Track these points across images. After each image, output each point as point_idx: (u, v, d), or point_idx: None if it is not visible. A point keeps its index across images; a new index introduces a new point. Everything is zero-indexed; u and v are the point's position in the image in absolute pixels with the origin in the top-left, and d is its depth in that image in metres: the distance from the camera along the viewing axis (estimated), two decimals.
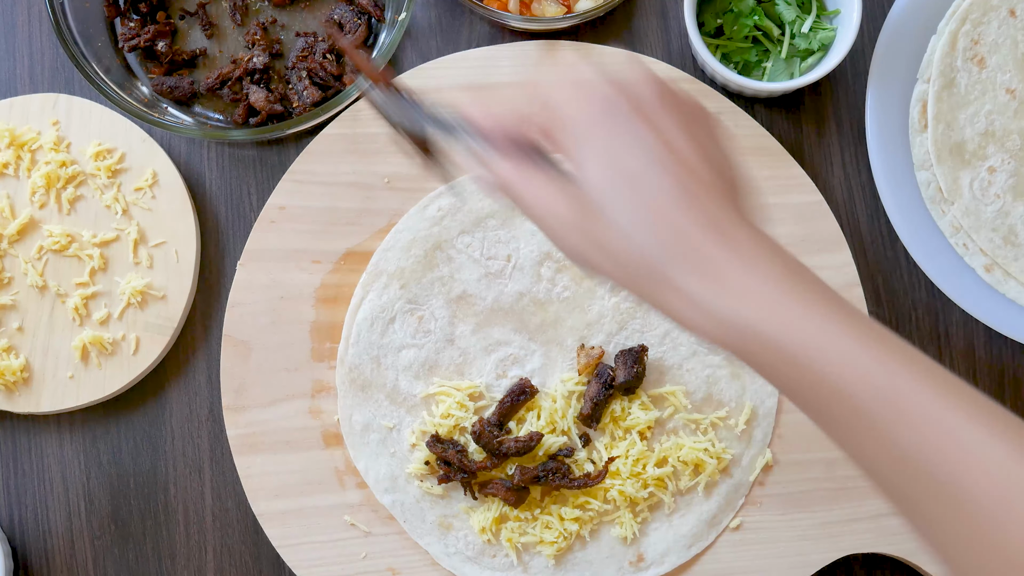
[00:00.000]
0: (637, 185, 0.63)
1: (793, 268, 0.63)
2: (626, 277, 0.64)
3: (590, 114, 0.65)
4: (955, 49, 1.03)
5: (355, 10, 1.08)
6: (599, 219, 0.63)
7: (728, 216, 0.63)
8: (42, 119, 1.07)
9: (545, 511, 1.02)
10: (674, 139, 0.64)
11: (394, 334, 1.04)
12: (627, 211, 0.63)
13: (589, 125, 0.64)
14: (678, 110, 0.66)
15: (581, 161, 0.64)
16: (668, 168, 0.63)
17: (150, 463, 1.06)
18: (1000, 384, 1.08)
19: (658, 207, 0.63)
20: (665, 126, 0.65)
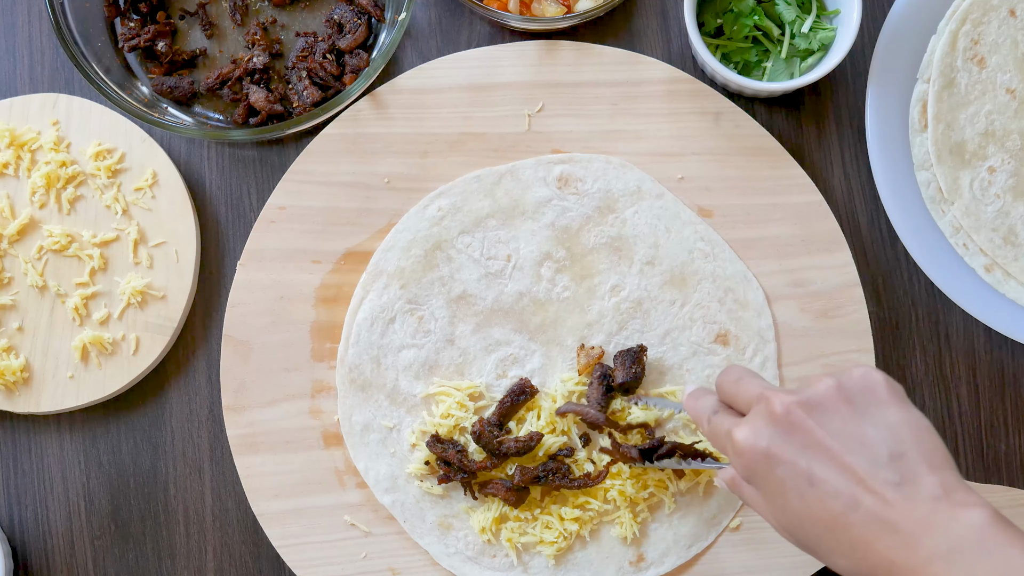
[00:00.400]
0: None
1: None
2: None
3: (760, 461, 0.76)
4: (955, 49, 1.03)
5: (355, 10, 1.08)
6: (798, 535, 0.76)
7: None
8: (42, 119, 1.07)
9: (545, 511, 1.02)
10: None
11: (394, 334, 1.04)
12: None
13: (766, 473, 0.76)
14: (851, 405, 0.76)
15: (768, 500, 0.77)
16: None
17: (150, 463, 1.06)
18: (1000, 384, 1.08)
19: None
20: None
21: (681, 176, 1.07)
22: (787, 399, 0.75)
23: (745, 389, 0.80)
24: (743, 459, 0.76)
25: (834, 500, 0.71)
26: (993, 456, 1.08)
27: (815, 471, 0.72)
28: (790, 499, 0.73)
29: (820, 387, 0.76)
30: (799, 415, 0.74)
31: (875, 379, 0.76)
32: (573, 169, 1.06)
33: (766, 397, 0.76)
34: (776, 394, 0.76)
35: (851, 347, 1.05)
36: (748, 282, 1.05)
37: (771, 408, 0.76)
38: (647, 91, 1.07)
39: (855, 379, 0.76)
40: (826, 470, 0.72)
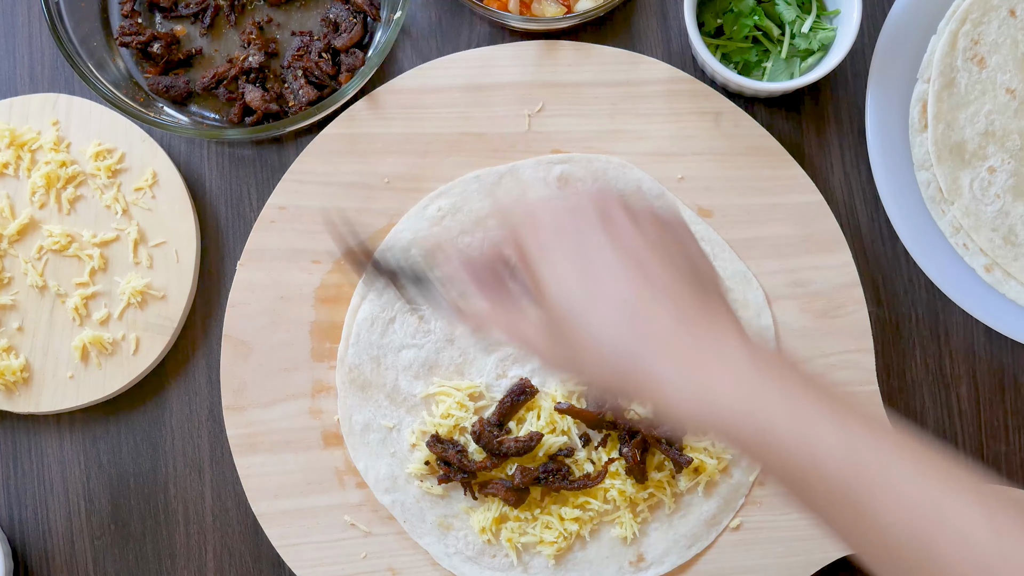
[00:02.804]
0: (600, 293, 0.67)
1: (763, 353, 0.66)
2: (605, 378, 0.68)
3: (552, 227, 0.69)
4: (955, 49, 1.03)
5: (351, 9, 1.08)
6: (568, 335, 0.68)
7: (696, 311, 0.67)
8: (42, 119, 1.07)
9: (545, 511, 1.02)
10: (635, 245, 0.68)
11: (394, 334, 1.04)
12: (594, 320, 0.67)
13: (550, 239, 0.69)
14: (635, 216, 0.70)
15: (545, 279, 0.69)
16: (630, 273, 0.67)
17: (150, 463, 1.07)
18: (1000, 384, 1.08)
19: (624, 311, 0.66)
20: (625, 234, 0.69)
21: (681, 176, 1.07)
22: (601, 188, 0.71)
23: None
24: (537, 221, 0.69)
25: (628, 303, 0.66)
26: (993, 456, 1.08)
27: (627, 242, 0.68)
28: (591, 265, 0.67)
29: (632, 198, 0.72)
30: (615, 204, 0.70)
31: (678, 214, 0.73)
32: (573, 169, 1.06)
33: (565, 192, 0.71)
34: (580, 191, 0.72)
35: (851, 347, 1.05)
36: (748, 282, 1.05)
37: (579, 191, 0.71)
38: (647, 91, 1.07)
39: (665, 207, 0.73)
40: (642, 253, 0.68)
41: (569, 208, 0.70)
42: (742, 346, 0.66)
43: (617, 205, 0.70)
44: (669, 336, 0.66)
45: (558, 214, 0.70)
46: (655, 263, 0.68)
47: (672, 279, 0.68)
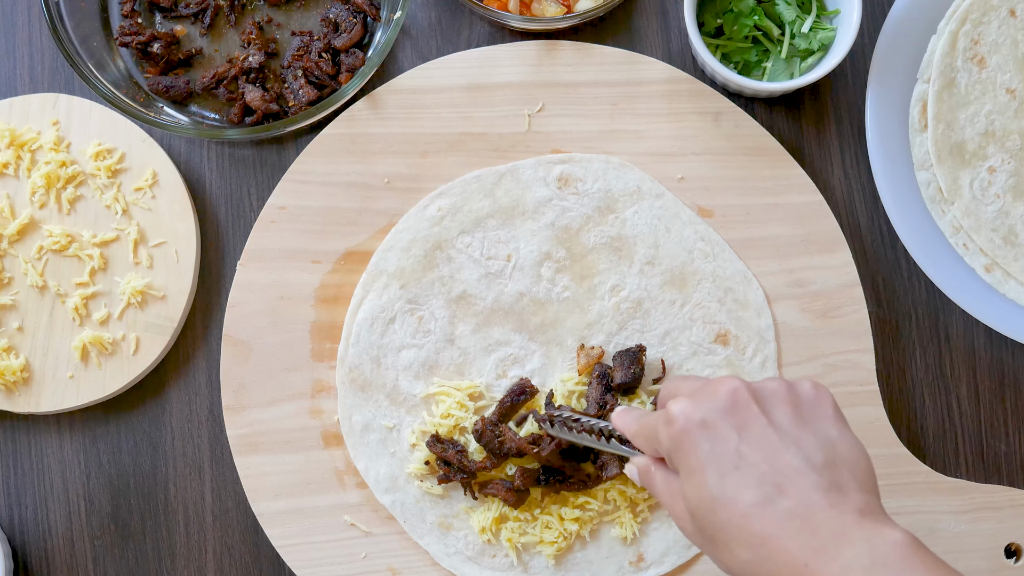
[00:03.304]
0: (726, 488, 0.71)
1: (885, 551, 0.67)
2: (734, 569, 0.71)
3: (689, 425, 0.74)
4: (955, 49, 1.03)
5: (351, 9, 1.08)
6: (701, 522, 0.72)
7: (817, 499, 0.68)
8: (42, 119, 1.07)
9: (545, 511, 1.02)
10: (764, 435, 0.72)
11: (394, 334, 1.04)
12: (721, 516, 0.71)
13: (687, 439, 0.73)
14: (766, 403, 0.74)
15: (683, 476, 0.74)
16: (752, 467, 0.70)
17: (150, 463, 1.07)
18: (1000, 384, 1.08)
19: (749, 506, 0.69)
20: (755, 425, 0.72)
21: (681, 176, 1.07)
22: (736, 382, 0.74)
23: (692, 383, 0.78)
24: (673, 427, 0.74)
25: (756, 487, 0.69)
26: (993, 456, 1.08)
27: (745, 453, 0.70)
28: (709, 477, 0.71)
29: (771, 382, 0.75)
30: (745, 397, 0.73)
31: (825, 395, 0.75)
32: (573, 169, 1.06)
33: (714, 380, 0.75)
34: (726, 379, 0.75)
35: (851, 347, 1.05)
36: (748, 282, 1.05)
37: (716, 387, 0.74)
38: (647, 91, 1.07)
39: (806, 388, 0.75)
40: (757, 456, 0.70)
41: (702, 403, 0.74)
42: (863, 546, 0.66)
43: (747, 395, 0.73)
44: (783, 534, 0.67)
45: (692, 412, 0.73)
46: (780, 452, 0.70)
47: (796, 469, 0.69)
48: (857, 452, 0.72)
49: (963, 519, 1.03)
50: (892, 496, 1.03)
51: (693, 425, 0.73)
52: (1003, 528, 1.03)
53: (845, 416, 0.75)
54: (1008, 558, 1.04)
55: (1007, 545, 1.04)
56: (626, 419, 0.82)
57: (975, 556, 1.03)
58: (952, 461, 1.08)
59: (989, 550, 1.03)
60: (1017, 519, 1.04)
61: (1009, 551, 1.04)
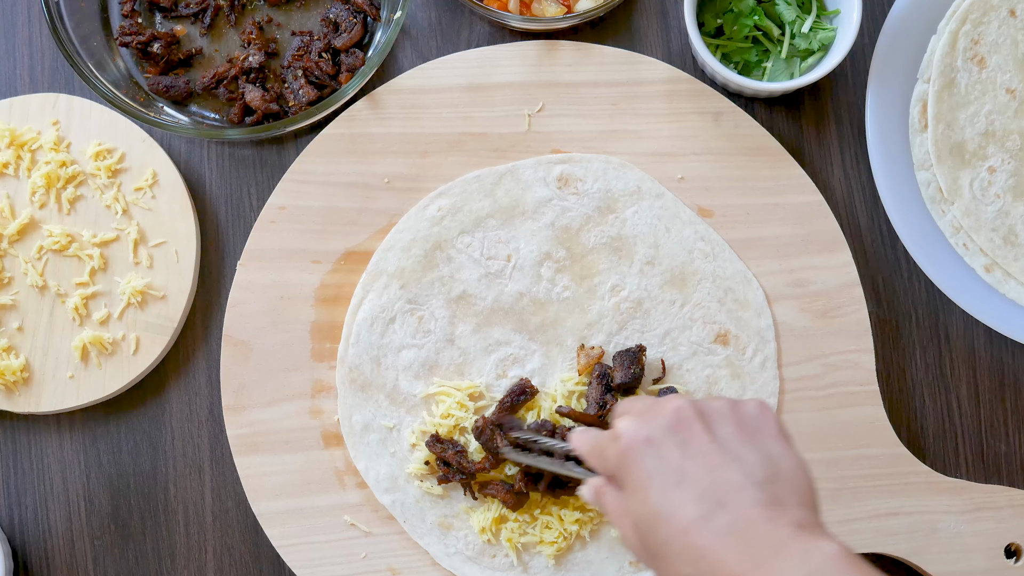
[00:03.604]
0: (670, 501, 0.72)
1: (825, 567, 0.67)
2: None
3: (640, 446, 0.75)
4: (955, 49, 1.03)
5: (351, 9, 1.08)
6: (644, 536, 0.73)
7: (756, 514, 0.69)
8: (42, 119, 1.07)
9: (545, 511, 1.02)
10: (705, 450, 0.73)
11: (394, 334, 1.04)
12: (662, 530, 0.71)
13: (634, 455, 0.75)
14: (709, 419, 0.75)
15: (631, 491, 0.75)
16: (694, 480, 0.72)
17: (150, 463, 1.07)
18: (1000, 384, 1.08)
19: (691, 517, 0.70)
20: (697, 440, 0.73)
21: (681, 176, 1.07)
22: (681, 400, 0.76)
23: (643, 402, 0.79)
24: (619, 444, 0.75)
25: (697, 502, 0.70)
26: (993, 456, 1.08)
27: (687, 469, 0.71)
28: (652, 493, 0.72)
29: (715, 401, 0.76)
30: (689, 414, 0.74)
31: (768, 413, 0.76)
32: (573, 169, 1.06)
33: (662, 399, 0.77)
34: (672, 397, 0.77)
35: (851, 347, 1.05)
36: (748, 282, 1.05)
37: (662, 405, 0.76)
38: (647, 91, 1.07)
39: (751, 406, 0.76)
40: (698, 471, 0.71)
41: (648, 421, 0.75)
42: (798, 558, 0.66)
43: (691, 413, 0.75)
44: (721, 548, 0.68)
45: (638, 430, 0.75)
46: (722, 468, 0.72)
47: (736, 485, 0.70)
48: (798, 468, 0.73)
49: (963, 519, 1.03)
50: (892, 496, 1.03)
51: (638, 441, 0.74)
52: (1003, 528, 1.03)
53: (789, 433, 0.77)
54: (1008, 558, 1.04)
55: (1007, 545, 1.04)
56: (582, 438, 0.83)
57: (975, 556, 1.03)
58: (952, 461, 1.08)
59: (989, 550, 1.03)
60: (1017, 519, 1.04)
61: (1009, 551, 1.04)
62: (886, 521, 1.03)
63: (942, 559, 1.03)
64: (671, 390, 1.01)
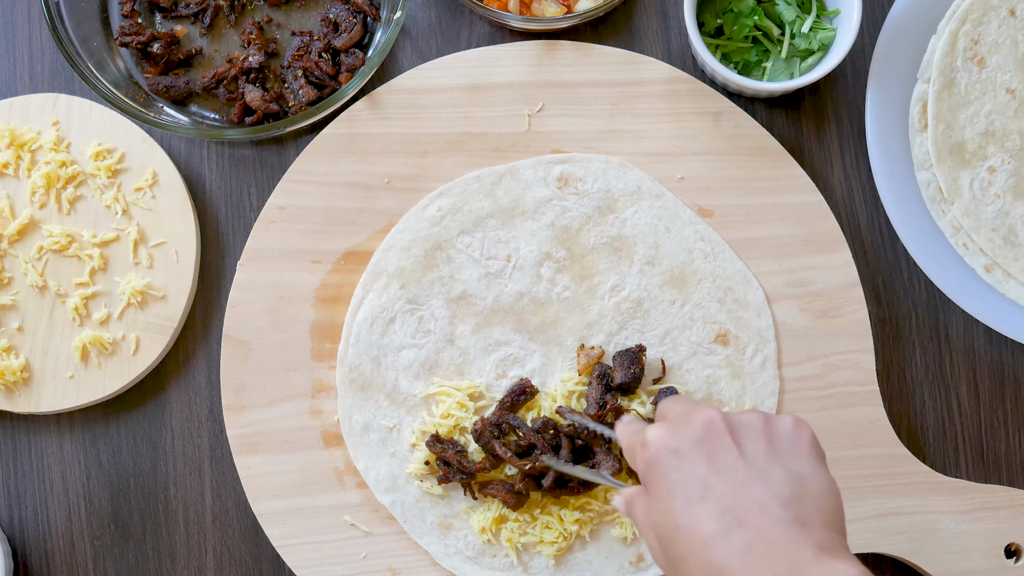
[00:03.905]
0: (691, 517, 0.71)
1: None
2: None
3: (661, 452, 0.75)
4: (955, 49, 1.03)
5: (351, 9, 1.08)
6: (670, 549, 0.72)
7: (777, 535, 0.69)
8: (42, 119, 1.07)
9: (545, 511, 1.02)
10: (734, 466, 0.72)
11: (394, 334, 1.04)
12: (682, 545, 0.71)
13: (659, 467, 0.74)
14: (740, 436, 0.74)
15: (655, 501, 0.74)
16: (720, 495, 0.71)
17: (150, 463, 1.06)
18: (1000, 384, 1.08)
19: (711, 535, 0.70)
20: (726, 456, 0.73)
21: (681, 176, 1.07)
22: (713, 412, 0.75)
23: (681, 407, 0.79)
24: (647, 451, 0.74)
25: (719, 519, 0.69)
26: (993, 456, 1.08)
27: (712, 484, 0.71)
28: (676, 504, 0.71)
29: (749, 415, 0.75)
30: (719, 428, 0.73)
31: (804, 432, 0.75)
32: (573, 169, 1.06)
33: (695, 409, 0.76)
34: (705, 408, 0.76)
35: (851, 347, 1.05)
36: (748, 282, 1.05)
37: (693, 415, 0.75)
38: (647, 91, 1.07)
39: (786, 423, 0.75)
40: (723, 487, 0.71)
41: (677, 431, 0.75)
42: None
43: (722, 426, 0.74)
44: (740, 566, 0.67)
45: (666, 440, 0.74)
46: (747, 485, 0.71)
47: (760, 503, 0.70)
48: (827, 490, 0.72)
49: (963, 519, 1.03)
50: (892, 496, 1.03)
51: (665, 452, 0.73)
52: (1003, 528, 1.03)
53: (822, 452, 0.76)
54: (1008, 558, 1.04)
55: (1007, 545, 1.04)
56: (624, 431, 0.82)
57: (975, 556, 1.03)
58: (952, 461, 1.08)
59: (989, 550, 1.03)
60: (1017, 519, 1.04)
61: (1009, 551, 1.04)
62: (886, 521, 1.03)
63: (942, 559, 1.03)
64: (671, 390, 1.01)
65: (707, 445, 0.73)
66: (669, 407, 0.79)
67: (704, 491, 0.71)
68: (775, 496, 0.70)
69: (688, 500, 0.71)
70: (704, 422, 0.74)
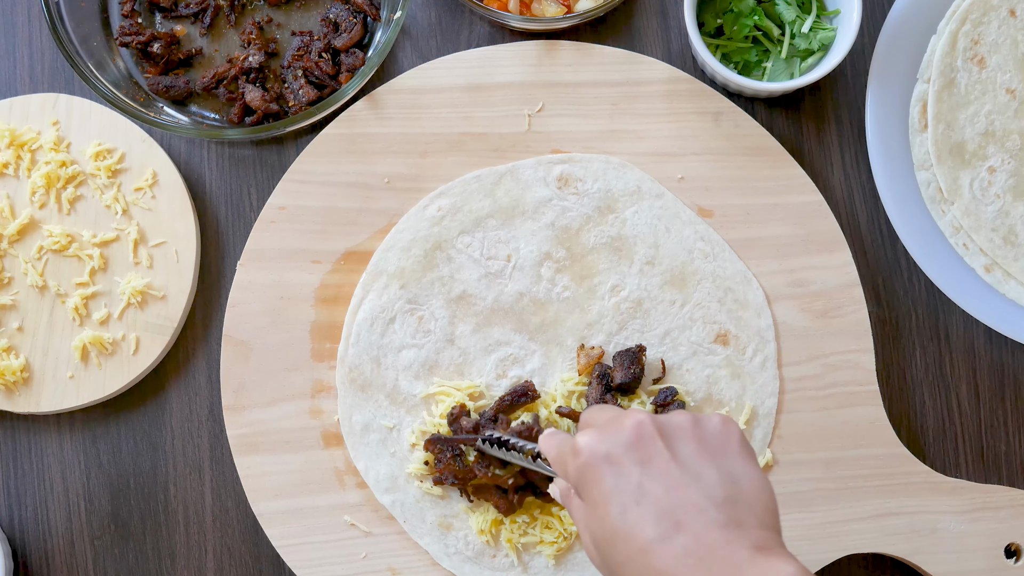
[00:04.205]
0: (627, 519, 0.71)
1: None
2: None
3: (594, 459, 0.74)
4: (955, 49, 1.03)
5: (351, 9, 1.08)
6: (607, 555, 0.72)
7: (715, 537, 0.69)
8: (42, 119, 1.07)
9: (545, 511, 1.02)
10: (666, 469, 0.72)
11: (394, 334, 1.04)
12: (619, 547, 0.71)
13: (597, 476, 0.73)
14: (671, 438, 0.74)
15: (590, 507, 0.74)
16: (654, 498, 0.70)
17: (150, 463, 1.06)
18: (1000, 384, 1.08)
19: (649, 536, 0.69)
20: (658, 459, 0.72)
21: (681, 176, 1.07)
22: (642, 415, 0.74)
23: (607, 414, 0.78)
24: (578, 459, 0.74)
25: (656, 524, 0.69)
26: (993, 456, 1.08)
27: (646, 488, 0.70)
28: (611, 511, 0.71)
29: (677, 417, 0.75)
30: (649, 431, 0.73)
31: (732, 430, 0.75)
32: (573, 169, 1.06)
33: (623, 413, 0.76)
34: (633, 412, 0.75)
35: (851, 347, 1.05)
36: (748, 282, 1.05)
37: (623, 420, 0.74)
38: (647, 91, 1.07)
39: (714, 423, 0.75)
40: (658, 490, 0.70)
41: (607, 436, 0.74)
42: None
43: (652, 429, 0.73)
44: (680, 570, 0.67)
45: (597, 445, 0.74)
46: (681, 487, 0.71)
47: (695, 505, 0.69)
48: (760, 487, 0.72)
49: (963, 519, 1.03)
50: (892, 496, 1.03)
51: (597, 458, 0.73)
52: (1003, 528, 1.03)
53: (752, 449, 0.75)
54: (1008, 558, 1.04)
55: (1007, 545, 1.04)
56: (550, 443, 0.82)
57: (975, 556, 1.03)
58: (952, 461, 1.08)
59: (989, 550, 1.03)
60: (1017, 519, 1.04)
61: (1009, 551, 1.04)
62: (886, 521, 1.03)
63: (942, 559, 1.03)
64: (671, 390, 1.01)
65: (639, 449, 0.72)
66: (595, 415, 0.79)
67: (639, 496, 0.70)
68: (709, 498, 0.70)
69: (624, 506, 0.70)
70: (634, 426, 0.73)
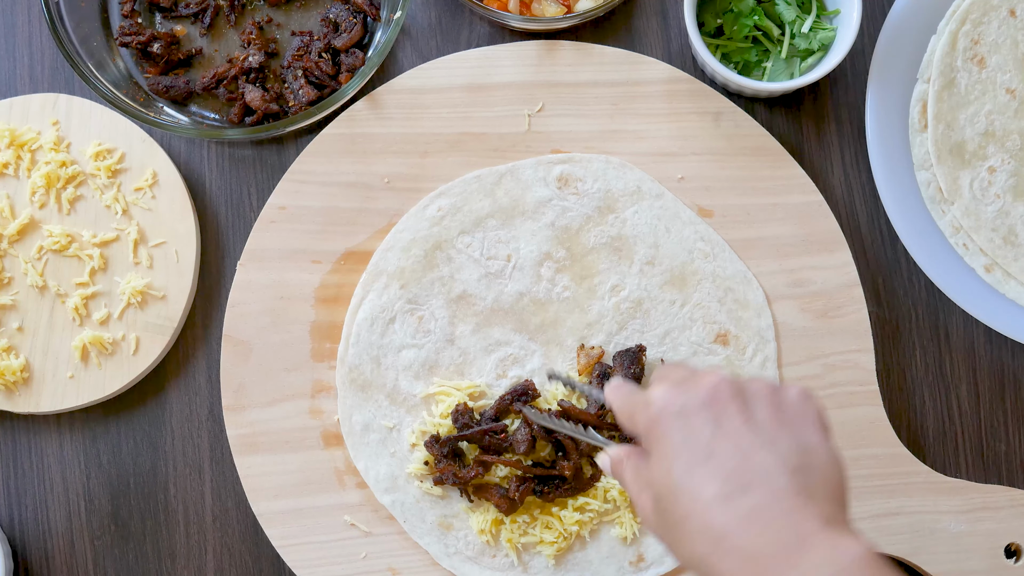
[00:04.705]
0: (697, 478, 0.69)
1: (848, 564, 0.64)
2: (689, 558, 0.69)
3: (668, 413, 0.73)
4: (955, 49, 1.03)
5: (351, 9, 1.08)
6: (666, 511, 0.70)
7: (785, 505, 0.67)
8: (42, 119, 1.07)
9: (545, 511, 1.02)
10: (740, 431, 0.70)
11: (394, 334, 1.04)
12: (684, 505, 0.69)
13: (664, 427, 0.72)
14: (746, 402, 0.72)
15: (656, 460, 0.72)
16: (724, 461, 0.69)
17: (150, 463, 1.07)
18: (1000, 384, 1.08)
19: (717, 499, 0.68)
20: (732, 421, 0.71)
21: (681, 176, 1.07)
22: (720, 377, 0.73)
23: (683, 371, 0.77)
24: (650, 410, 0.73)
25: (723, 483, 0.67)
26: (993, 456, 1.08)
27: (717, 448, 0.69)
28: (677, 466, 0.69)
29: (756, 383, 0.74)
30: (726, 393, 0.72)
31: (810, 403, 0.73)
32: (573, 169, 1.06)
33: (700, 373, 0.74)
34: (711, 372, 0.74)
35: (851, 347, 1.05)
36: (748, 282, 1.05)
37: (699, 378, 0.73)
38: (647, 91, 1.07)
39: (792, 392, 0.73)
40: (728, 452, 0.69)
41: (683, 392, 0.73)
42: (824, 556, 0.64)
43: (729, 391, 0.72)
44: (743, 531, 0.66)
45: (671, 400, 0.72)
46: (753, 451, 0.69)
47: (766, 469, 0.68)
48: (832, 462, 0.71)
49: (963, 519, 1.03)
50: (892, 496, 1.03)
51: (670, 413, 0.72)
52: (1003, 528, 1.03)
53: (829, 425, 0.74)
54: (1008, 558, 1.04)
55: (1007, 545, 1.04)
56: (617, 393, 0.80)
57: (975, 556, 1.03)
58: (952, 461, 1.08)
59: (989, 550, 1.03)
60: (1017, 519, 1.04)
61: (1009, 551, 1.04)
62: (886, 521, 1.03)
63: (942, 559, 1.03)
64: None
65: (713, 408, 0.71)
66: (670, 371, 0.77)
67: (709, 454, 0.69)
68: (782, 464, 0.68)
69: (691, 462, 0.69)
70: (711, 386, 0.72)
